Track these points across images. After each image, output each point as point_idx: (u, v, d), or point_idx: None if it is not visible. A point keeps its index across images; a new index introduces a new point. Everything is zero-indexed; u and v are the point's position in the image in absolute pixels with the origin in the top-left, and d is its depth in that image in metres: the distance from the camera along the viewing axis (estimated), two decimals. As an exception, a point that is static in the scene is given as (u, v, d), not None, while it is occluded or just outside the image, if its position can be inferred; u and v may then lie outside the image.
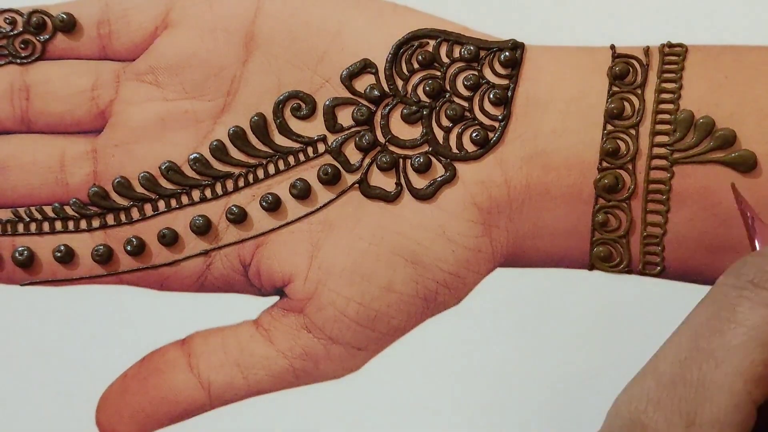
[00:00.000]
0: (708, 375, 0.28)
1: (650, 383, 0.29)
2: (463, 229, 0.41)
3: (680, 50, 0.41)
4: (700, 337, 0.29)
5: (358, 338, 0.42)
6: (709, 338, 0.28)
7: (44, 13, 0.44)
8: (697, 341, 0.29)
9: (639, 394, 0.29)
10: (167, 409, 0.42)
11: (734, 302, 0.29)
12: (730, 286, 0.29)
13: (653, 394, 0.29)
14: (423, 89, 0.42)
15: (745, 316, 0.28)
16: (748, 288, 0.29)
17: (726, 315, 0.29)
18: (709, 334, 0.29)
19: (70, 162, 0.43)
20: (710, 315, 0.29)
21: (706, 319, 0.29)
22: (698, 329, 0.29)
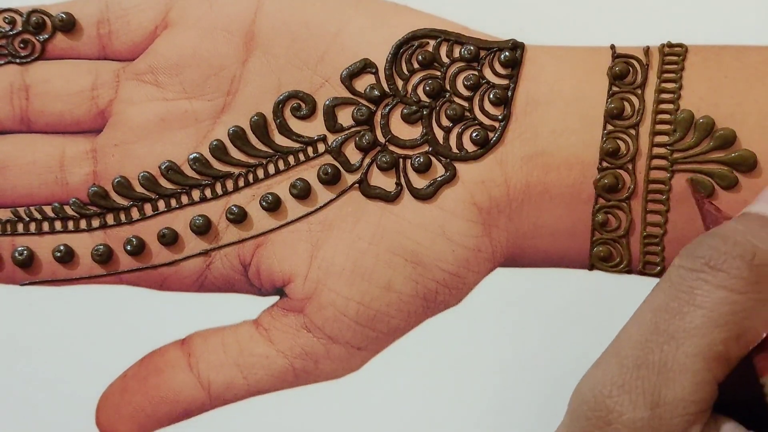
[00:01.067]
0: (670, 356, 0.29)
1: (613, 367, 0.30)
2: (463, 229, 0.41)
3: (680, 50, 0.41)
4: (661, 319, 0.29)
5: (358, 338, 0.42)
6: (669, 320, 0.29)
7: (44, 13, 0.44)
8: (658, 324, 0.29)
9: (602, 378, 0.30)
10: (167, 408, 0.42)
11: (692, 284, 0.29)
12: (687, 269, 0.30)
13: (617, 377, 0.29)
14: (423, 89, 0.42)
15: (704, 298, 0.29)
16: (704, 270, 0.30)
17: (685, 297, 0.29)
18: (669, 316, 0.29)
19: (69, 162, 0.43)
20: (669, 297, 0.30)
21: (666, 302, 0.30)
22: (658, 312, 0.30)
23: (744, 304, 0.29)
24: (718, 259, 0.30)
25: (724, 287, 0.29)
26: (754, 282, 0.29)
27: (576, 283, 0.43)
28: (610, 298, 0.44)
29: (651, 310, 0.30)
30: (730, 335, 0.29)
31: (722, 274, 0.29)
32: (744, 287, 0.29)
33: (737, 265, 0.29)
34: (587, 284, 0.43)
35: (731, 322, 0.29)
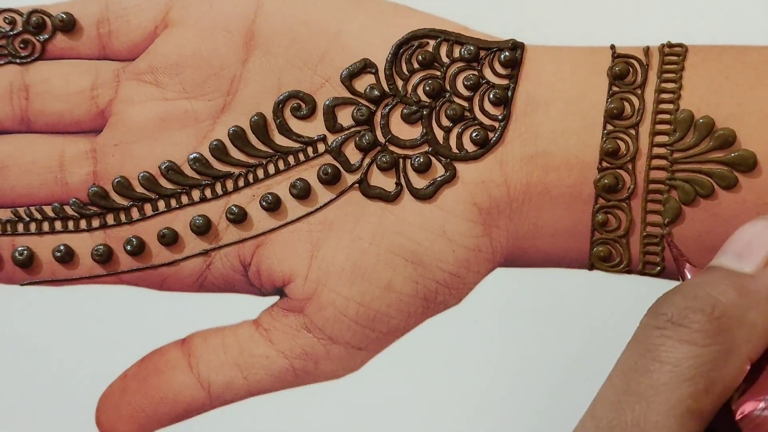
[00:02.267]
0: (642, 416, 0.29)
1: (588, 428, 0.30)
2: (463, 229, 0.41)
3: (680, 50, 0.41)
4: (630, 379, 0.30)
5: (358, 338, 0.42)
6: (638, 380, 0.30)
7: (44, 13, 0.44)
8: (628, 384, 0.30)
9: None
10: (167, 409, 0.42)
11: (657, 342, 0.30)
12: (651, 327, 0.31)
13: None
14: (423, 89, 0.42)
15: (668, 354, 0.30)
16: (668, 327, 0.30)
17: (651, 355, 0.30)
18: (638, 375, 0.30)
19: (69, 162, 0.43)
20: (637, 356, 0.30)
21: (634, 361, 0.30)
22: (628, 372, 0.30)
23: (708, 356, 0.30)
24: (680, 315, 0.30)
25: (687, 341, 0.30)
26: (715, 334, 0.30)
27: (576, 283, 0.43)
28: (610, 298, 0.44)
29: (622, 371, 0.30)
30: (699, 389, 0.29)
31: (684, 329, 0.30)
32: (706, 340, 0.30)
33: (698, 319, 0.30)
34: (587, 284, 0.43)
35: (698, 375, 0.29)
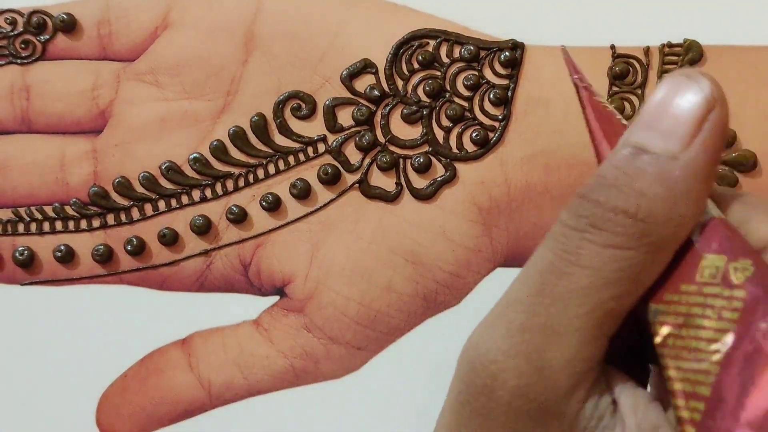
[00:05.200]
0: (556, 318, 0.27)
1: (499, 331, 0.28)
2: (463, 229, 0.41)
3: (680, 50, 0.41)
4: (546, 281, 0.28)
5: (358, 338, 0.42)
6: (555, 282, 0.28)
7: (44, 14, 0.44)
8: (544, 285, 0.28)
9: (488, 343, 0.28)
10: (167, 408, 0.42)
11: (577, 245, 0.28)
12: (571, 228, 0.28)
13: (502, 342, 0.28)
14: (423, 89, 0.42)
15: (590, 258, 0.27)
16: (588, 231, 0.28)
17: (571, 258, 0.28)
18: (554, 278, 0.28)
19: (70, 162, 0.43)
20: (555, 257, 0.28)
21: (550, 262, 0.28)
22: (544, 273, 0.28)
23: (633, 259, 0.27)
24: (602, 218, 0.27)
25: (610, 245, 0.27)
26: (641, 236, 0.27)
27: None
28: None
29: (537, 271, 0.28)
30: (623, 290, 0.27)
31: (606, 233, 0.27)
32: (631, 243, 0.27)
33: (621, 222, 0.27)
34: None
35: (623, 278, 0.27)
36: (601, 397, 0.28)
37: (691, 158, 0.27)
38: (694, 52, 0.41)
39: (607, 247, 0.27)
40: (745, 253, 0.26)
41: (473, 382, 0.28)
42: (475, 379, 0.28)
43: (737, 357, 0.25)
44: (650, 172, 0.27)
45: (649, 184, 0.27)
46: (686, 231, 0.28)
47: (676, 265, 0.28)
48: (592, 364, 0.28)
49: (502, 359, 0.28)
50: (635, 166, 0.27)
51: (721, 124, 0.27)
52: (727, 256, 0.26)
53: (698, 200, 0.27)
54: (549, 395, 0.27)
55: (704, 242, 0.27)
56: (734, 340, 0.25)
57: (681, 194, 0.27)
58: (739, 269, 0.26)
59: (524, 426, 0.28)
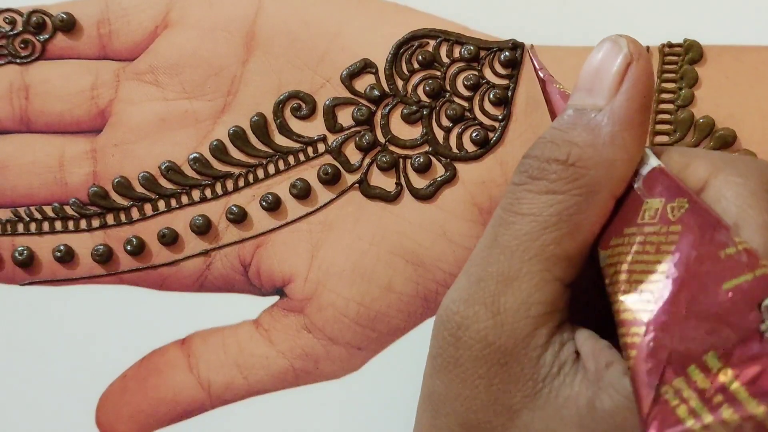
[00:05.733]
0: (505, 265, 0.30)
1: (461, 284, 0.31)
2: (463, 230, 0.41)
3: (680, 50, 0.41)
4: (496, 233, 0.30)
5: (358, 338, 0.42)
6: (503, 233, 0.30)
7: (44, 13, 0.44)
8: (494, 237, 0.30)
9: (452, 295, 0.31)
10: (167, 409, 0.42)
11: (519, 196, 0.30)
12: (513, 185, 0.31)
13: (463, 292, 0.30)
14: (423, 89, 0.42)
15: (529, 206, 0.30)
16: (527, 182, 0.30)
17: (514, 209, 0.30)
18: (502, 229, 0.30)
19: (69, 162, 0.43)
20: (502, 212, 0.31)
21: (500, 216, 0.31)
22: (494, 227, 0.31)
23: (568, 201, 0.30)
24: (538, 168, 0.30)
25: (546, 192, 0.30)
26: (573, 179, 0.30)
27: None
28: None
29: (490, 226, 0.31)
30: (562, 233, 0.30)
31: (542, 182, 0.30)
32: (564, 187, 0.30)
33: (554, 169, 0.30)
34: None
35: (560, 221, 0.30)
36: (564, 346, 0.30)
37: (615, 108, 0.30)
38: (694, 52, 0.41)
39: (543, 193, 0.30)
40: (681, 193, 0.29)
41: (441, 334, 0.31)
42: (443, 330, 0.31)
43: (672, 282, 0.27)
44: (580, 124, 0.30)
45: (578, 134, 0.30)
46: (618, 174, 0.30)
47: (621, 214, 0.30)
48: (549, 309, 0.30)
49: (463, 308, 0.30)
50: (568, 122, 0.30)
51: (641, 76, 0.30)
52: (664, 198, 0.29)
53: (626, 146, 0.30)
54: (507, 338, 0.30)
55: (645, 189, 0.30)
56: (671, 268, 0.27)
57: (607, 139, 0.30)
58: (675, 207, 0.29)
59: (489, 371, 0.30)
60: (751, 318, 0.26)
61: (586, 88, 0.31)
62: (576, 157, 0.30)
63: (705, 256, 0.27)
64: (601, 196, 0.30)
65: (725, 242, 0.27)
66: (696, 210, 0.28)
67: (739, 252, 0.27)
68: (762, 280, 0.26)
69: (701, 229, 0.28)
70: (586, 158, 0.30)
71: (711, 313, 0.27)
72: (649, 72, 0.31)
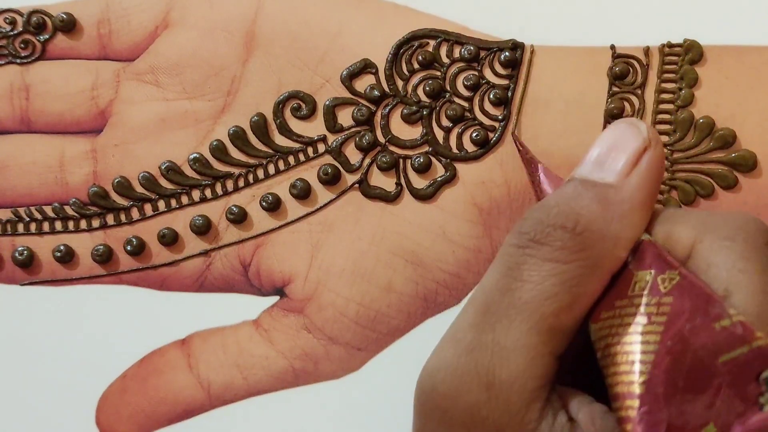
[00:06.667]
0: (502, 335, 0.28)
1: (448, 351, 0.29)
2: (463, 230, 0.41)
3: (680, 50, 0.41)
4: (491, 299, 0.29)
5: (358, 338, 0.42)
6: (499, 299, 0.29)
7: (44, 13, 0.44)
8: (489, 304, 0.29)
9: (438, 364, 0.29)
10: (167, 409, 0.42)
11: (519, 261, 0.29)
12: (514, 246, 0.29)
13: (451, 361, 0.29)
14: (423, 89, 0.42)
15: (531, 273, 0.29)
16: (530, 246, 0.29)
17: (513, 274, 0.29)
18: (499, 295, 0.29)
19: (69, 162, 0.43)
20: (499, 276, 0.29)
21: (496, 281, 0.29)
22: (489, 292, 0.29)
23: (571, 273, 0.29)
24: (542, 233, 0.29)
25: (549, 260, 0.29)
26: (578, 250, 0.29)
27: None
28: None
29: (483, 291, 0.29)
30: (562, 305, 0.28)
31: (546, 248, 0.29)
32: (569, 257, 0.29)
33: (560, 236, 0.29)
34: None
35: (561, 292, 0.28)
36: (557, 416, 0.28)
37: (627, 187, 0.30)
38: (694, 52, 0.41)
39: (546, 261, 0.29)
40: (671, 266, 0.28)
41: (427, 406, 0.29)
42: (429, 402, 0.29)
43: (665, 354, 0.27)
44: (589, 195, 0.30)
45: (588, 204, 0.29)
46: (621, 251, 0.29)
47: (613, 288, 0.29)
48: (543, 382, 0.28)
49: (451, 379, 0.28)
50: (576, 192, 0.30)
51: (657, 162, 0.30)
52: (655, 270, 0.29)
53: (633, 225, 0.30)
54: (501, 413, 0.28)
55: (635, 263, 0.29)
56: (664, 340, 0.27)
57: (616, 215, 0.29)
58: (666, 279, 0.28)
59: None
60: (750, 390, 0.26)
61: (596, 162, 0.30)
62: (583, 227, 0.29)
63: (699, 328, 0.27)
64: (602, 270, 0.29)
65: (719, 314, 0.27)
66: (687, 282, 0.28)
67: (734, 324, 0.27)
68: (759, 352, 0.26)
69: (694, 302, 0.27)
70: (594, 230, 0.29)
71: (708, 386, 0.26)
72: (663, 160, 0.31)
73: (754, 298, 0.27)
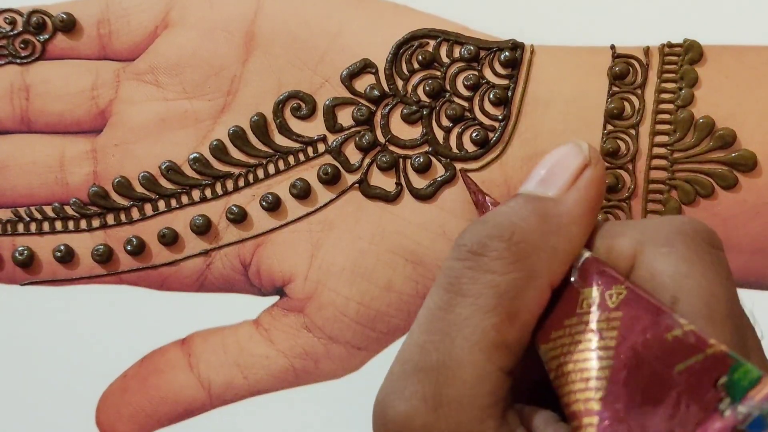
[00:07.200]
0: (446, 354, 0.28)
1: (396, 375, 0.29)
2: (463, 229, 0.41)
3: (680, 50, 0.41)
4: (434, 317, 0.29)
5: (358, 338, 0.42)
6: (441, 317, 0.28)
7: (44, 13, 0.44)
8: (432, 322, 0.29)
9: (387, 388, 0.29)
10: (167, 408, 0.42)
11: (458, 274, 0.29)
12: (453, 260, 0.29)
13: (398, 385, 0.28)
14: (423, 89, 0.42)
15: (469, 287, 0.29)
16: (468, 258, 0.29)
17: (453, 289, 0.29)
18: (441, 313, 0.29)
19: (69, 162, 0.43)
20: (441, 292, 0.29)
21: (438, 298, 0.29)
22: (432, 310, 0.29)
23: (508, 284, 0.28)
24: (479, 244, 0.29)
25: (486, 271, 0.29)
26: (515, 260, 0.29)
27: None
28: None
29: (426, 310, 0.29)
30: (501, 319, 0.28)
31: (483, 258, 0.29)
32: (505, 267, 0.29)
33: (496, 246, 0.29)
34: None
35: (499, 306, 0.28)
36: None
37: (566, 201, 0.30)
38: (694, 52, 0.41)
39: (484, 272, 0.29)
40: (617, 280, 0.28)
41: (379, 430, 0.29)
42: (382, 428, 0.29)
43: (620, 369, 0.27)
44: (529, 208, 0.30)
45: (526, 216, 0.30)
46: (559, 264, 0.29)
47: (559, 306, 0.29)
48: (494, 399, 0.28)
49: (400, 403, 0.28)
50: (517, 205, 0.30)
51: (596, 179, 0.31)
52: (601, 286, 0.29)
53: (571, 238, 0.30)
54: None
55: (581, 280, 0.29)
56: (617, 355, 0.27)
57: (554, 228, 0.30)
58: (613, 294, 0.28)
59: None
60: (709, 397, 0.26)
61: (539, 179, 0.31)
62: (520, 238, 0.29)
63: (652, 340, 0.27)
64: (539, 282, 0.29)
65: (670, 325, 0.27)
66: (634, 296, 0.28)
67: (685, 333, 0.27)
68: (713, 359, 0.26)
69: (643, 315, 0.27)
70: (530, 241, 0.29)
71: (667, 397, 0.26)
72: (603, 178, 0.31)
73: (702, 301, 0.27)
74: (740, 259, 0.40)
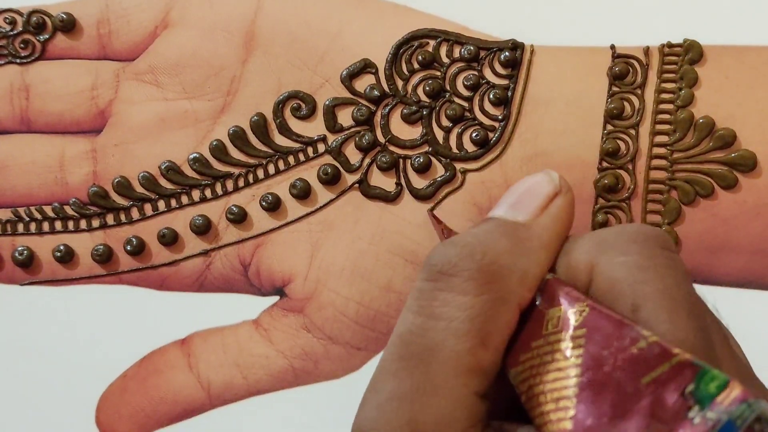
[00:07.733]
0: (421, 380, 0.28)
1: (371, 403, 0.28)
2: (463, 229, 0.41)
3: (680, 50, 0.41)
4: (407, 342, 0.28)
5: (358, 338, 0.42)
6: (415, 342, 0.28)
7: (44, 13, 0.44)
8: (406, 348, 0.28)
9: (362, 416, 0.28)
10: (167, 408, 0.42)
11: (430, 297, 0.28)
12: (423, 281, 0.29)
13: (373, 414, 0.28)
14: (423, 89, 0.42)
15: (442, 309, 0.28)
16: (439, 279, 0.29)
17: (426, 312, 0.28)
18: (414, 337, 0.28)
19: (69, 162, 0.43)
20: (413, 316, 0.28)
21: (411, 322, 0.28)
22: (404, 335, 0.28)
23: (481, 306, 0.28)
24: (450, 265, 0.29)
25: (458, 292, 0.28)
26: (486, 282, 0.28)
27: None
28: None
29: (399, 335, 0.29)
30: (475, 343, 0.28)
31: (455, 279, 0.28)
32: (477, 289, 0.28)
33: (468, 266, 0.29)
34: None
35: (473, 330, 0.28)
36: None
37: (537, 226, 0.31)
38: (694, 52, 0.41)
39: (455, 293, 0.28)
40: (578, 299, 0.29)
41: None
42: None
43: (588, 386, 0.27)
44: (500, 231, 0.30)
45: (498, 239, 0.30)
46: (528, 288, 0.29)
47: (526, 330, 0.29)
48: (471, 423, 0.28)
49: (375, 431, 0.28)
50: (488, 228, 0.30)
51: (565, 207, 0.31)
52: (564, 305, 0.29)
53: (539, 262, 0.30)
54: None
55: (544, 302, 0.29)
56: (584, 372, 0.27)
57: (524, 251, 0.30)
58: (576, 312, 0.28)
59: None
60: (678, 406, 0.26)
61: (510, 203, 0.31)
62: (491, 260, 0.29)
63: (617, 354, 0.27)
64: (511, 305, 0.29)
65: (635, 337, 0.27)
66: (596, 312, 0.28)
67: (650, 345, 0.27)
68: (679, 367, 0.26)
69: (606, 330, 0.27)
70: (502, 264, 0.29)
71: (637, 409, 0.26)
72: (572, 207, 0.32)
73: (662, 306, 0.27)
74: (740, 259, 0.40)
